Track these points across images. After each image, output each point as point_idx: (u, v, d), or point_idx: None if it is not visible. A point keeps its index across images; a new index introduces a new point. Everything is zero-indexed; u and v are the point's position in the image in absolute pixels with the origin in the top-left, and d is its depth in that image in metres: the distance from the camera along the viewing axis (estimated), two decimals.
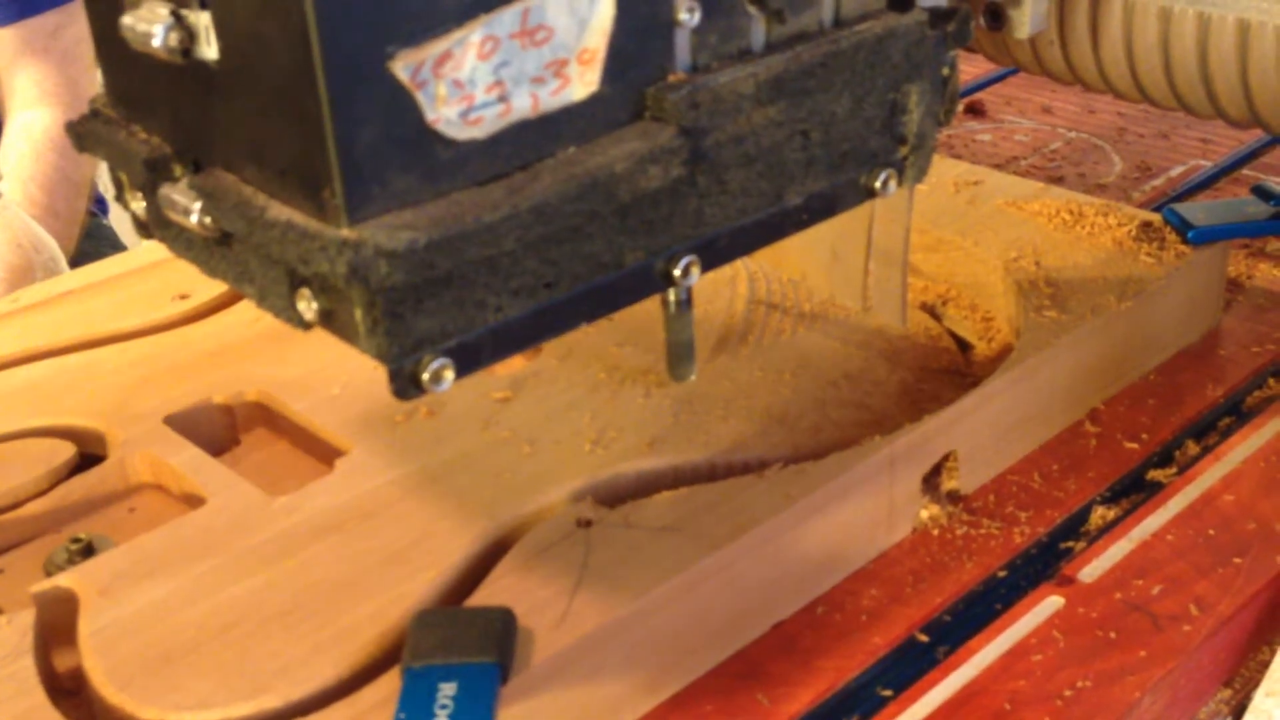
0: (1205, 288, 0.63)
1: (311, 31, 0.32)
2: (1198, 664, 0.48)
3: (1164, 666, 0.46)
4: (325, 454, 0.54)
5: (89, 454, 0.55)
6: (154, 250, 0.71)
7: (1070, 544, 0.52)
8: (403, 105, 0.33)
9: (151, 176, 0.38)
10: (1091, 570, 0.51)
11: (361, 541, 0.48)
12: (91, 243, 1.17)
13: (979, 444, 0.54)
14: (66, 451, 0.55)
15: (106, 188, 1.65)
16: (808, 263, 0.60)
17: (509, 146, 0.36)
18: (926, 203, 0.68)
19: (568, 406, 0.55)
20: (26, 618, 0.45)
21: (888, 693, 0.46)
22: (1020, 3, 0.54)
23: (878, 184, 0.44)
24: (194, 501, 0.51)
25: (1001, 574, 0.51)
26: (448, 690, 0.40)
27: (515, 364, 0.61)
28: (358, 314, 0.34)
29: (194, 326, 0.63)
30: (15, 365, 0.61)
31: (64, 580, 0.47)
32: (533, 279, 0.37)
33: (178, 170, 0.38)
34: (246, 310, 0.64)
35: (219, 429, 0.57)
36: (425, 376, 0.36)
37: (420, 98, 0.34)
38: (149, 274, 0.68)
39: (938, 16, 0.44)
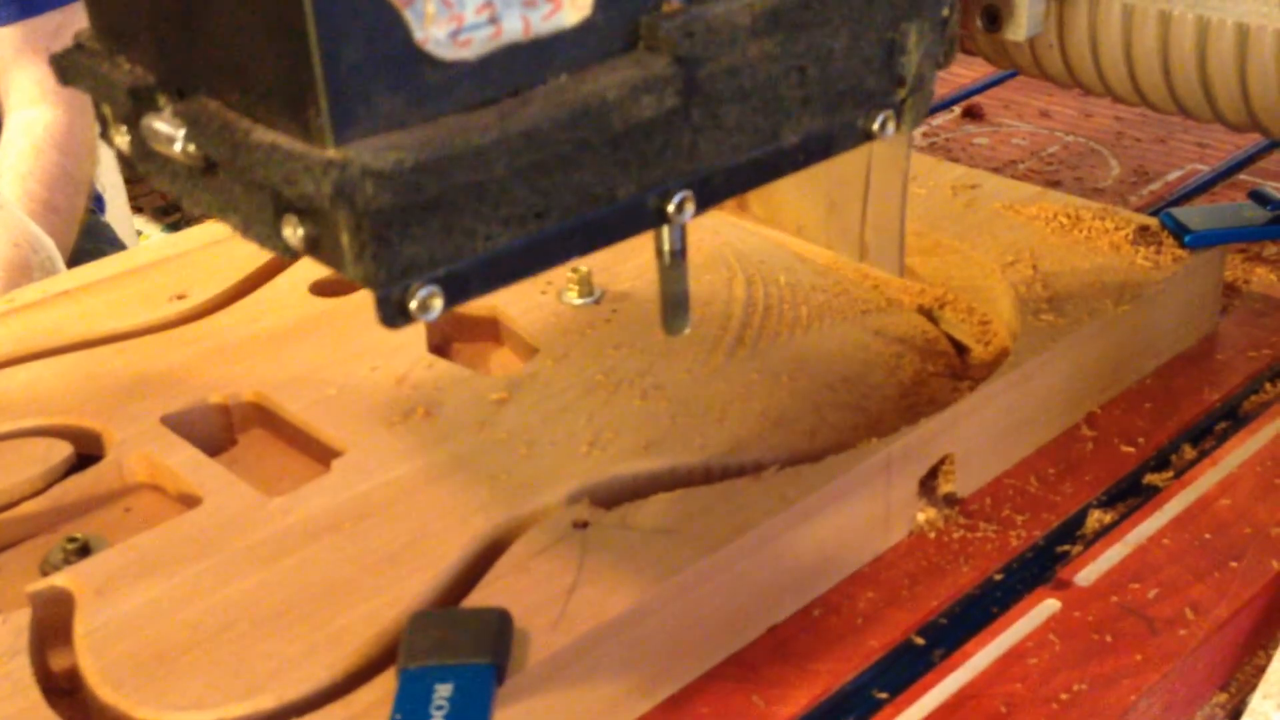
0: (1202, 292, 0.63)
1: None
2: (1193, 668, 0.48)
3: (1160, 670, 0.46)
4: (322, 454, 0.54)
5: (85, 454, 0.55)
6: (151, 250, 0.71)
7: (1066, 547, 0.52)
8: (390, 23, 0.33)
9: (136, 106, 0.38)
10: (1088, 574, 0.51)
11: (358, 542, 0.48)
12: (90, 240, 1.17)
13: (976, 447, 0.54)
14: (63, 451, 0.55)
15: (104, 186, 1.65)
16: (804, 214, 0.59)
17: (499, 71, 0.35)
18: (924, 206, 0.68)
19: (564, 408, 0.55)
20: (22, 617, 0.45)
21: (883, 695, 0.46)
22: (1016, 5, 0.53)
23: (875, 126, 0.43)
24: (190, 501, 0.51)
25: (998, 577, 0.51)
26: (443, 691, 0.40)
27: (512, 366, 0.61)
28: (344, 238, 0.34)
29: (191, 326, 0.63)
30: (12, 364, 0.61)
31: (60, 580, 0.47)
32: (523, 208, 0.36)
33: (161, 100, 0.37)
34: (244, 311, 0.64)
35: (215, 429, 0.57)
36: (413, 304, 0.35)
37: (408, 15, 0.33)
38: (146, 274, 0.68)
39: None
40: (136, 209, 2.26)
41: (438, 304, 0.35)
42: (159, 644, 0.44)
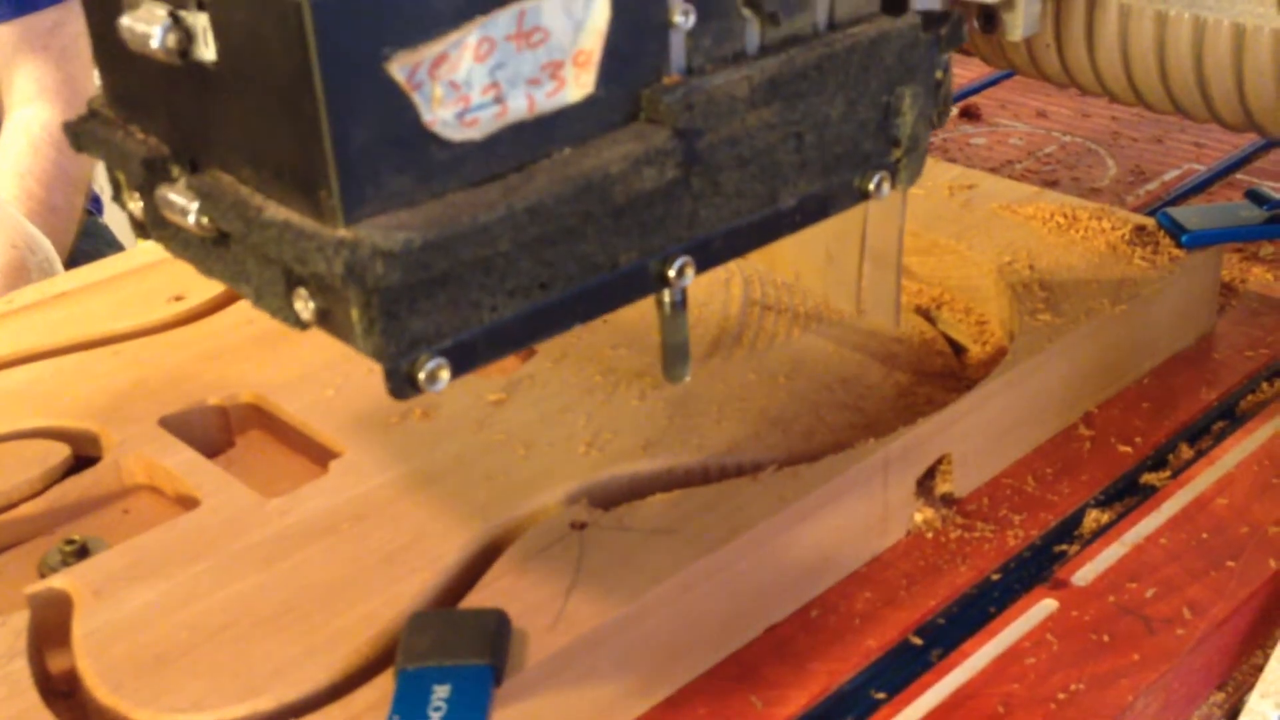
0: (1199, 292, 0.64)
1: (309, 32, 0.32)
2: (1191, 667, 0.48)
3: (1157, 670, 0.46)
4: (320, 456, 0.54)
5: (84, 455, 0.55)
6: (149, 251, 0.71)
7: (1064, 547, 0.52)
8: (399, 106, 0.34)
9: (149, 176, 0.39)
10: (1085, 573, 0.51)
11: (356, 543, 0.48)
12: (89, 241, 1.17)
13: (973, 447, 0.54)
14: (61, 453, 0.55)
15: (103, 188, 1.65)
16: (802, 264, 0.60)
17: (505, 147, 0.36)
18: (921, 206, 0.68)
19: (562, 409, 0.55)
20: (20, 619, 0.45)
21: (881, 695, 0.46)
22: (1013, 5, 0.54)
23: (871, 186, 0.44)
24: (188, 503, 0.51)
25: (995, 577, 0.51)
26: (441, 692, 0.40)
27: (510, 366, 0.61)
28: (354, 314, 0.34)
29: (189, 328, 0.63)
30: (10, 366, 0.61)
31: (58, 582, 0.47)
32: (528, 279, 0.37)
33: (175, 171, 0.38)
34: (241, 312, 0.64)
35: (213, 430, 0.57)
36: (421, 376, 0.36)
37: (416, 99, 0.34)
38: (144, 276, 0.68)
39: (931, 19, 0.44)
40: None
41: (445, 375, 0.36)
42: (157, 645, 0.44)
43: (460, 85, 0.34)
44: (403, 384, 0.36)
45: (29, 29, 1.08)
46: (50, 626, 0.46)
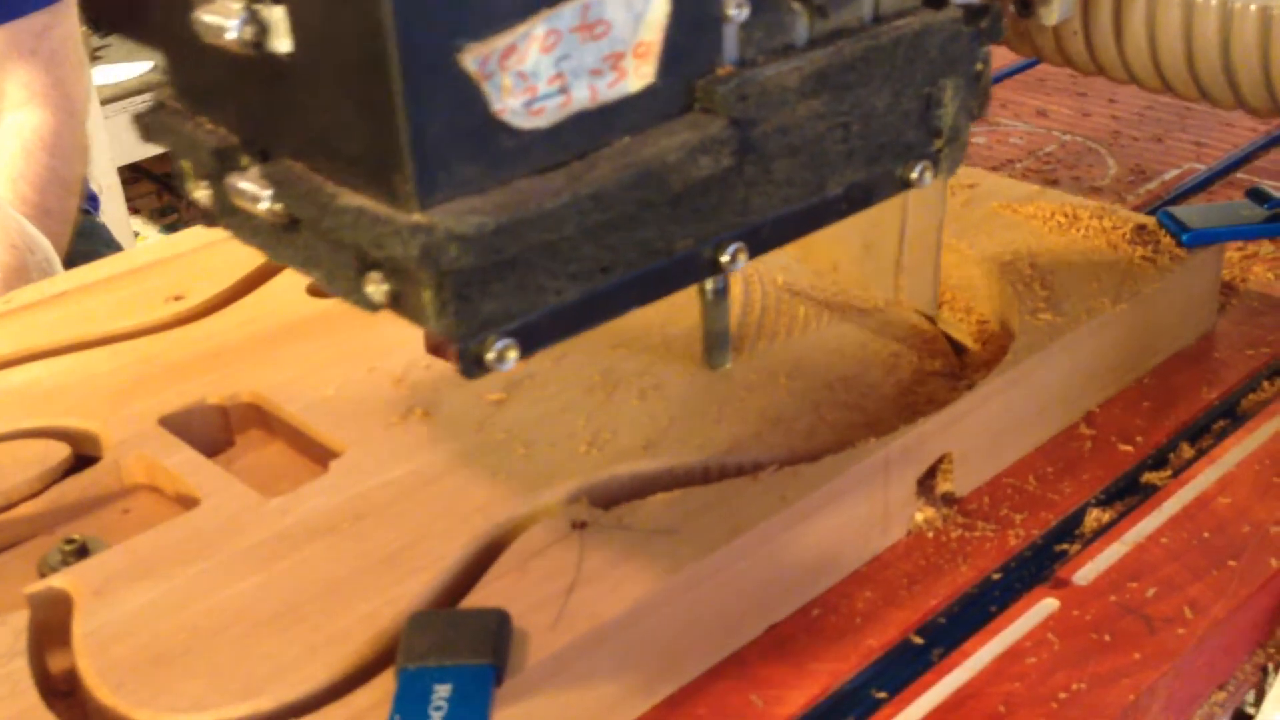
0: (1200, 291, 0.64)
1: (387, 25, 0.33)
2: (1192, 667, 0.48)
3: (1158, 669, 0.46)
4: (320, 455, 0.54)
5: (83, 455, 0.55)
6: (148, 251, 0.71)
7: (1065, 546, 0.52)
8: (470, 96, 0.35)
9: (219, 165, 0.40)
10: (1086, 573, 0.51)
11: (356, 543, 0.48)
12: (86, 241, 1.17)
13: (974, 446, 0.54)
14: (61, 453, 0.55)
15: (101, 187, 1.65)
16: (839, 254, 0.60)
17: (568, 136, 0.37)
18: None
19: (563, 408, 0.55)
20: (20, 619, 0.45)
21: (882, 695, 0.46)
22: None
23: (914, 175, 0.46)
24: (188, 503, 0.51)
25: (996, 576, 0.51)
26: (442, 692, 0.40)
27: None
28: (427, 296, 0.36)
29: (189, 328, 0.63)
30: (10, 366, 0.61)
31: (58, 581, 0.47)
32: (589, 264, 0.39)
33: (244, 160, 0.40)
34: (241, 312, 0.64)
35: (213, 430, 0.57)
36: (490, 356, 0.37)
37: (487, 89, 0.35)
38: (143, 275, 0.68)
39: (972, 13, 0.45)
40: (133, 210, 2.26)
41: (513, 355, 0.38)
42: (157, 645, 0.44)
43: (528, 75, 0.36)
44: (472, 364, 0.37)
45: (18, 33, 1.07)
46: (50, 626, 0.46)
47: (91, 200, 1.28)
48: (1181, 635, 0.48)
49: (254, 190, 0.39)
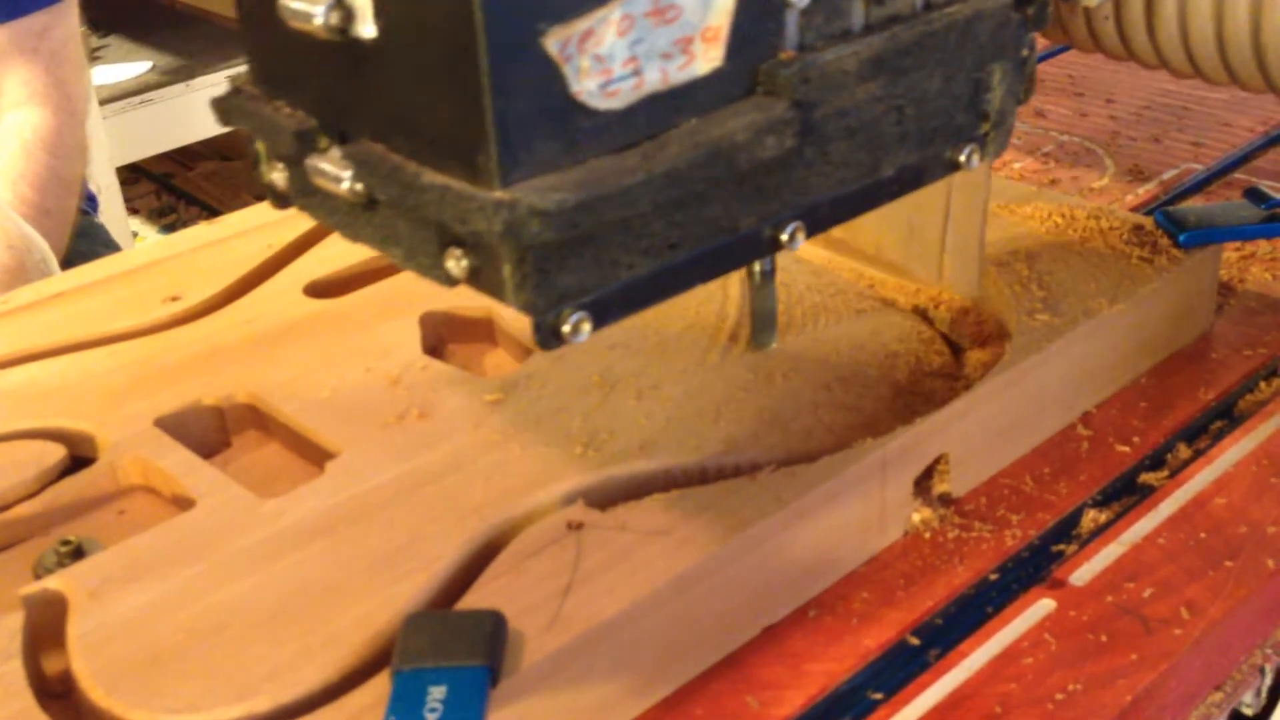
0: (1197, 291, 0.63)
1: (475, 9, 0.34)
2: (1189, 667, 0.48)
3: (1155, 670, 0.46)
4: (316, 456, 0.54)
5: (79, 456, 0.55)
6: (145, 252, 0.71)
7: (1062, 547, 0.52)
8: (551, 78, 0.37)
9: (299, 148, 0.41)
10: (1083, 573, 0.51)
11: (351, 544, 0.48)
12: (85, 241, 1.17)
13: (971, 447, 0.54)
14: (56, 454, 0.55)
15: (99, 187, 1.65)
16: (883, 237, 0.61)
17: (640, 117, 0.39)
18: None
19: (559, 409, 0.55)
20: (15, 620, 0.45)
21: (878, 696, 0.46)
22: None
23: (962, 158, 0.48)
24: (184, 504, 0.51)
25: (993, 577, 0.51)
26: (437, 693, 0.40)
27: (507, 366, 0.61)
28: (507, 270, 0.38)
29: (185, 328, 0.63)
30: (6, 367, 0.61)
31: (53, 583, 0.47)
32: (660, 240, 0.40)
33: (323, 142, 0.41)
34: (237, 313, 0.64)
35: (209, 431, 0.57)
36: (566, 329, 0.39)
37: (566, 71, 0.37)
38: (140, 276, 0.68)
39: (1020, 0, 0.47)
40: (132, 210, 2.26)
41: (587, 327, 0.39)
42: (153, 647, 0.44)
43: (604, 58, 0.37)
44: (549, 336, 0.39)
45: (18, 33, 1.08)
46: (45, 628, 0.46)
47: (90, 201, 1.28)
48: (1178, 636, 0.48)
49: (335, 171, 0.40)
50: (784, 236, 0.44)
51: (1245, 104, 0.91)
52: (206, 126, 2.03)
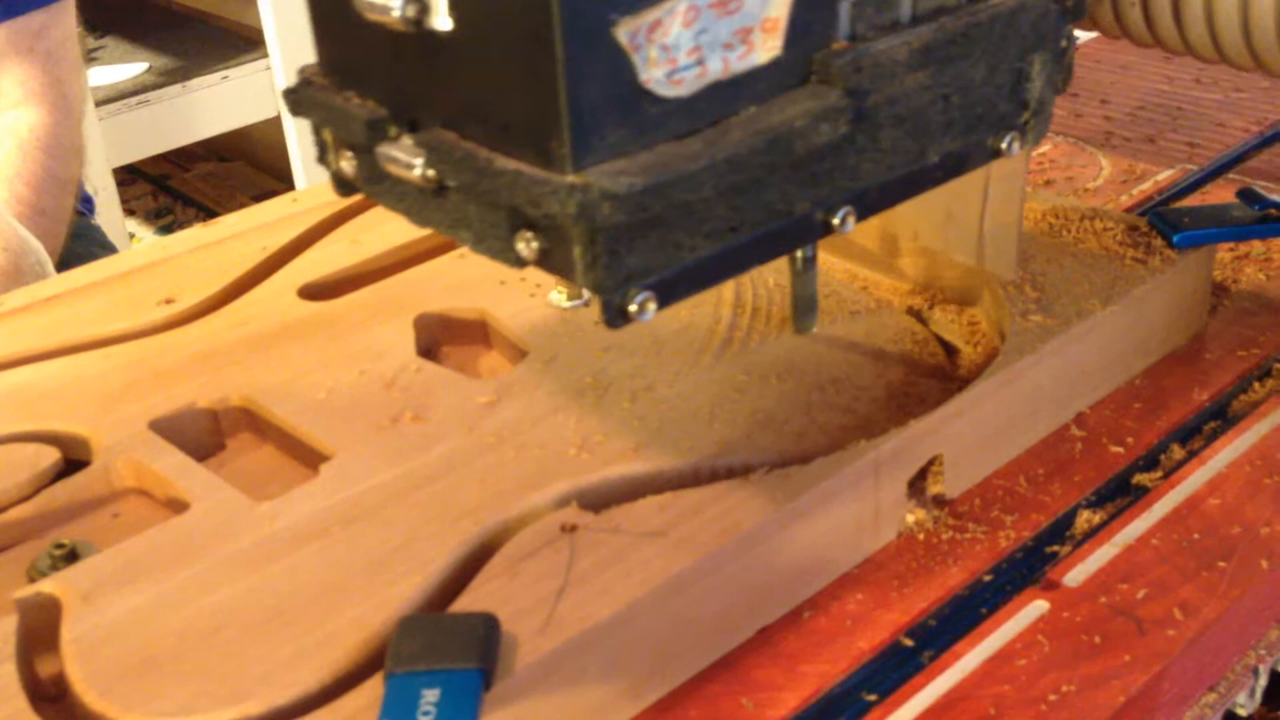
0: (1191, 292, 0.64)
1: (553, 2, 0.36)
2: (1182, 668, 0.48)
3: (1148, 671, 0.46)
4: (310, 459, 0.54)
5: (73, 459, 0.55)
6: (139, 254, 0.71)
7: (1055, 548, 0.52)
8: (621, 66, 0.38)
9: (370, 136, 0.43)
10: (1076, 574, 0.51)
11: (345, 547, 0.48)
12: (81, 243, 1.17)
13: (965, 448, 0.54)
14: (50, 456, 0.55)
15: (96, 189, 1.65)
16: (921, 224, 0.63)
17: (703, 104, 0.40)
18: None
19: (553, 411, 0.55)
20: (9, 623, 0.45)
21: (872, 697, 0.46)
22: None
23: (1003, 145, 0.49)
24: (178, 506, 0.51)
25: (987, 578, 0.51)
26: (430, 697, 0.40)
27: (501, 368, 0.61)
28: (577, 252, 0.39)
29: (179, 331, 0.63)
30: (0, 370, 0.61)
31: (47, 586, 0.47)
32: (721, 223, 0.42)
33: (393, 130, 0.43)
34: (232, 315, 0.64)
35: (204, 434, 0.57)
36: (633, 308, 0.40)
37: (635, 60, 0.38)
38: (134, 278, 0.68)
39: None
40: (129, 211, 2.26)
41: (652, 307, 0.41)
42: (146, 650, 0.44)
43: (670, 48, 0.39)
44: (616, 315, 0.40)
45: (16, 32, 1.07)
46: (39, 631, 0.46)
47: (86, 202, 1.28)
48: (1172, 637, 0.48)
49: (407, 158, 0.42)
50: (835, 220, 0.45)
51: (1239, 104, 0.91)
52: (203, 128, 2.03)
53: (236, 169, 2.48)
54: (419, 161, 0.41)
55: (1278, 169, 0.82)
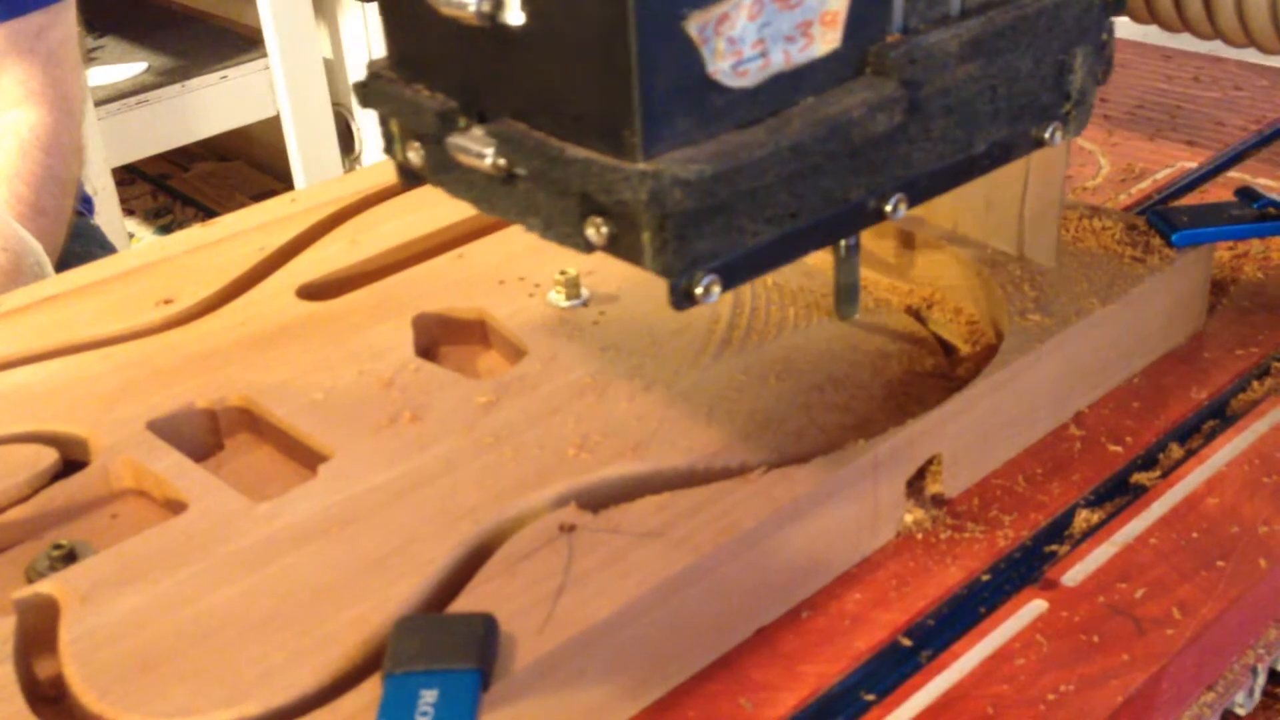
0: (1189, 290, 0.64)
1: None
2: (1181, 668, 0.48)
3: (1147, 670, 0.46)
4: (308, 459, 0.54)
5: (71, 460, 0.55)
6: (138, 254, 0.71)
7: (1054, 547, 0.52)
8: (691, 59, 0.40)
9: (440, 127, 0.44)
10: (1075, 574, 0.51)
11: (344, 547, 0.48)
12: (80, 243, 1.17)
13: (963, 447, 0.54)
14: (49, 457, 0.55)
15: (95, 189, 1.65)
16: (961, 214, 0.64)
17: (765, 95, 0.42)
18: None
19: (551, 411, 0.55)
20: (7, 624, 0.45)
21: (871, 697, 0.46)
22: None
23: (1046, 134, 0.51)
24: (176, 507, 0.51)
25: (985, 578, 0.51)
26: (429, 697, 0.40)
27: (500, 368, 0.61)
28: (646, 237, 0.41)
29: (177, 331, 0.63)
30: None
31: (45, 587, 0.47)
32: (782, 209, 0.43)
33: (462, 121, 0.44)
34: (230, 315, 0.64)
35: (202, 434, 0.57)
36: (699, 290, 0.42)
37: (704, 52, 0.40)
38: (133, 278, 0.68)
39: None
40: (128, 211, 2.26)
41: (716, 289, 0.42)
42: (144, 651, 0.44)
43: (736, 40, 0.40)
44: (682, 298, 0.42)
45: (16, 32, 1.07)
46: (37, 632, 0.46)
47: (86, 203, 1.28)
48: (1170, 636, 0.48)
49: (478, 147, 0.43)
50: (888, 207, 0.46)
51: (1238, 103, 0.91)
52: (202, 127, 2.03)
53: (236, 169, 2.48)
54: (490, 151, 0.43)
55: (1276, 167, 0.82)
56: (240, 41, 2.07)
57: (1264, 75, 0.95)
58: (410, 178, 0.48)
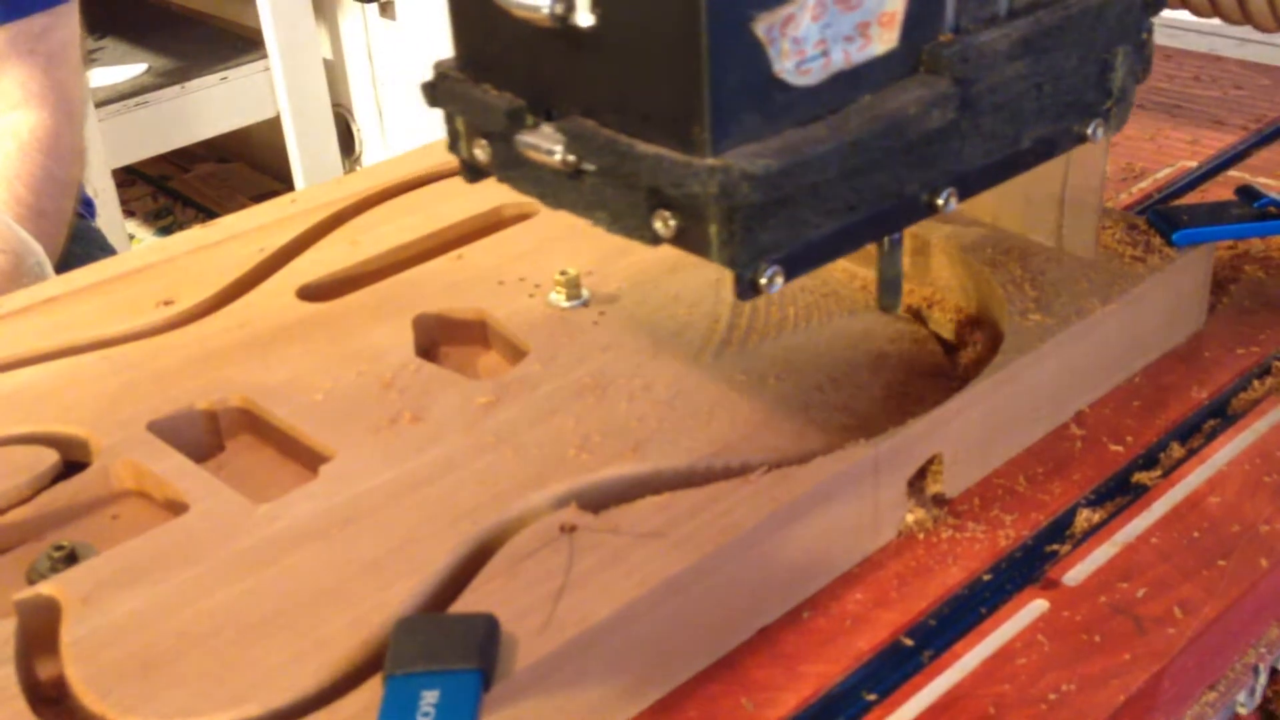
0: (1190, 290, 0.64)
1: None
2: (1182, 667, 0.48)
3: (1148, 670, 0.46)
4: (309, 460, 0.54)
5: (72, 461, 0.55)
6: (138, 255, 0.71)
7: (1055, 547, 0.52)
8: (758, 58, 0.41)
9: (509, 125, 0.46)
10: (1076, 573, 0.51)
11: (345, 548, 0.48)
12: (80, 245, 1.17)
13: (964, 447, 0.54)
14: (49, 458, 0.55)
15: (95, 191, 1.65)
16: (1001, 209, 0.65)
17: (826, 93, 0.44)
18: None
19: (552, 411, 0.55)
20: (8, 626, 0.45)
21: (872, 697, 0.46)
22: None
23: (1088, 131, 0.53)
24: (177, 508, 0.51)
25: (986, 577, 0.51)
26: (430, 698, 0.40)
27: (500, 369, 0.61)
28: (713, 229, 0.42)
29: (178, 332, 0.63)
30: None
31: (46, 588, 0.47)
32: (841, 203, 0.45)
33: (530, 119, 0.46)
34: (230, 316, 0.64)
35: (202, 435, 0.57)
36: (763, 281, 0.43)
37: (770, 52, 0.41)
38: (133, 280, 0.68)
39: None
40: (128, 213, 2.26)
41: (780, 280, 0.44)
42: (145, 652, 0.44)
43: (800, 41, 0.42)
44: (747, 288, 0.43)
45: (17, 34, 1.07)
46: (38, 633, 0.46)
47: (86, 204, 1.28)
48: (1172, 635, 0.48)
49: (547, 144, 0.45)
50: (940, 201, 0.48)
51: (1238, 102, 0.91)
52: (202, 128, 2.03)
53: (236, 170, 2.48)
54: (559, 147, 0.44)
55: (1277, 166, 0.82)
56: (240, 43, 2.07)
57: (1264, 75, 0.95)
58: (475, 174, 0.50)
